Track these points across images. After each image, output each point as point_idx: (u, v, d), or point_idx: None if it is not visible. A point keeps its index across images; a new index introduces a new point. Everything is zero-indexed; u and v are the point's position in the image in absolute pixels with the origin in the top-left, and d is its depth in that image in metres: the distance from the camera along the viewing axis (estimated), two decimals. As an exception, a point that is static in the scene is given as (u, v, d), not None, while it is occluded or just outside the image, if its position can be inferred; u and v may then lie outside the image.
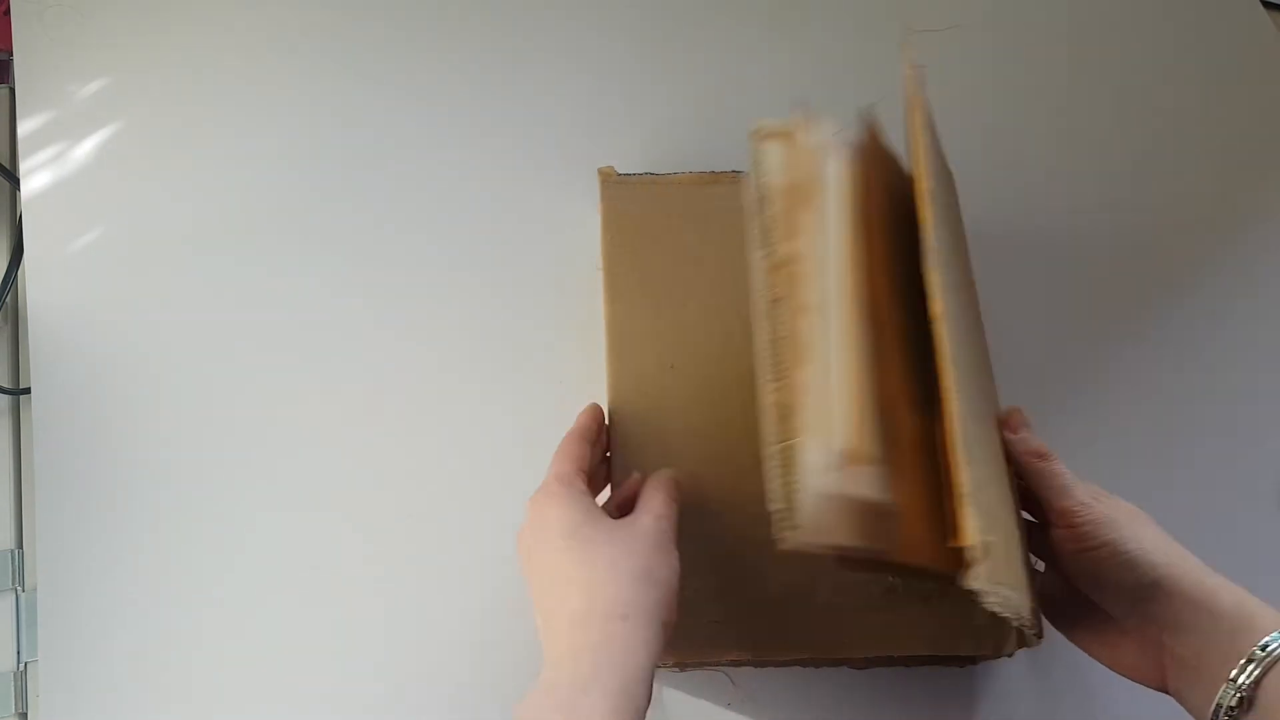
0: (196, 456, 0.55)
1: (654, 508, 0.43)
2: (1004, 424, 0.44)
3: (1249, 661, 0.36)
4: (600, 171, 0.57)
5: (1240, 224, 0.70)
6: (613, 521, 0.42)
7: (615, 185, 0.57)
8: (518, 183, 0.65)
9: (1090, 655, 0.43)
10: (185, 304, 0.59)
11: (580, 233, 0.60)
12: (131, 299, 0.59)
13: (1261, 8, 0.78)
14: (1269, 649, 0.36)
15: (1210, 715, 0.37)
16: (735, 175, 0.56)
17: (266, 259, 0.61)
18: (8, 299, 0.60)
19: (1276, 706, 0.36)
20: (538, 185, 0.65)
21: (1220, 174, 0.71)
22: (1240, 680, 0.36)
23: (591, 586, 0.39)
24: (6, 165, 0.63)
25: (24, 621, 0.53)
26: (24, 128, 0.63)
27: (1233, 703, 0.36)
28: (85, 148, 0.63)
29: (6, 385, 0.58)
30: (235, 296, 0.60)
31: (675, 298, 0.53)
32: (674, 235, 0.55)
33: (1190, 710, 0.39)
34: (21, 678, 0.52)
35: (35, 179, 0.62)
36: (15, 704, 0.51)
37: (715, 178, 0.56)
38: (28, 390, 0.56)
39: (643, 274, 0.54)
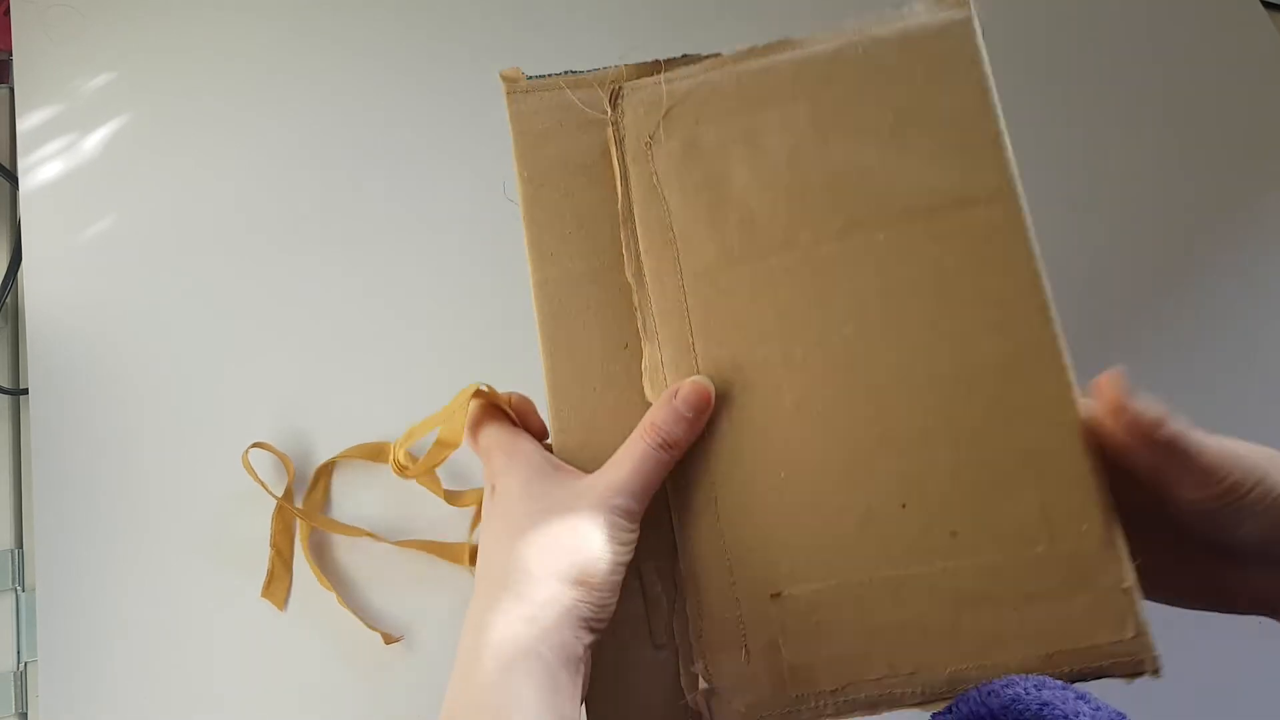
0: (195, 456, 0.55)
1: (615, 477, 0.35)
2: (1098, 397, 0.35)
3: None
4: (503, 77, 0.41)
5: (1240, 224, 0.70)
6: (558, 493, 0.35)
7: (524, 97, 0.41)
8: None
9: (1196, 609, 0.38)
10: (185, 304, 0.59)
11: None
12: (131, 299, 0.59)
13: (1261, 8, 0.78)
14: None
15: None
16: (687, 60, 0.41)
17: (267, 258, 0.61)
18: (7, 299, 0.60)
19: None
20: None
21: (1220, 174, 0.71)
22: None
23: (502, 580, 0.33)
24: (6, 165, 0.63)
25: (24, 621, 0.53)
26: (24, 128, 0.63)
27: None
28: (85, 148, 0.63)
29: (6, 385, 0.58)
30: (235, 296, 0.60)
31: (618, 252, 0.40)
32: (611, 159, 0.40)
33: None
34: (21, 678, 0.52)
35: (35, 179, 0.62)
36: (15, 704, 0.51)
37: (652, 68, 0.41)
38: (27, 390, 0.56)
39: (579, 220, 0.40)
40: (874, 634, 0.35)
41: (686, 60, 0.41)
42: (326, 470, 0.55)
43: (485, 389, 0.40)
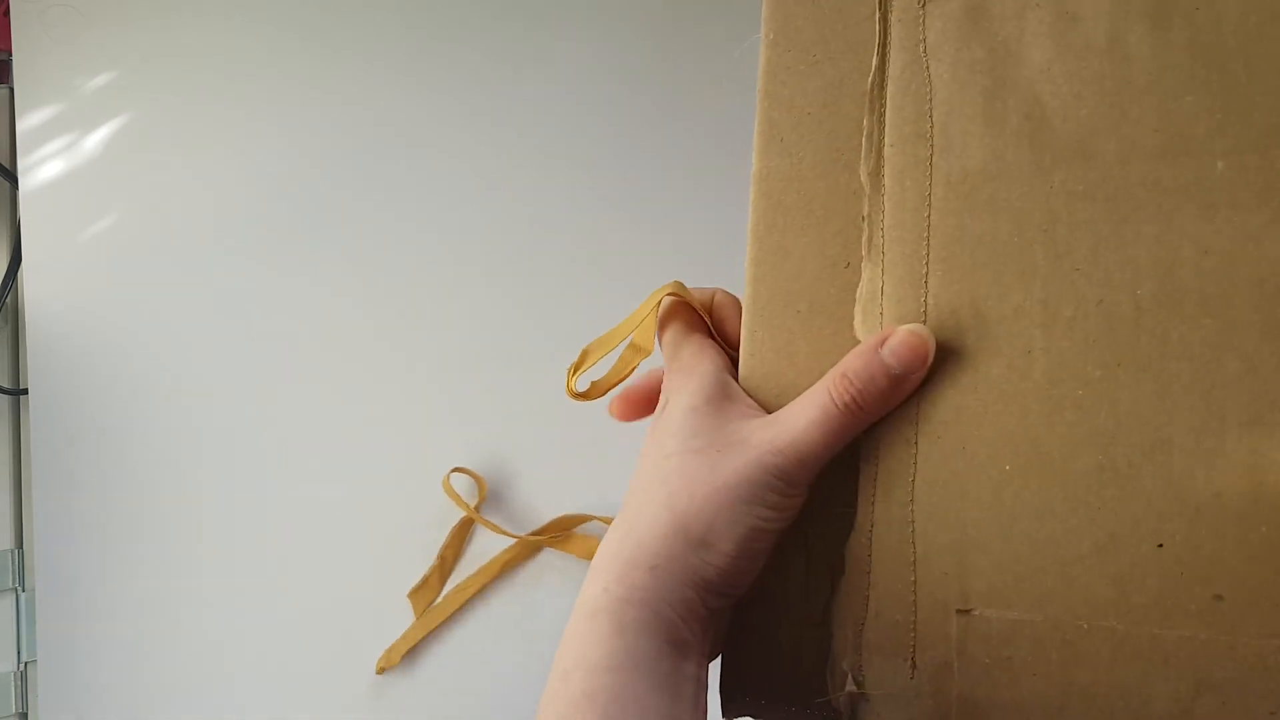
0: (195, 456, 0.55)
1: (783, 431, 0.29)
2: None
3: None
4: None
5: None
6: (721, 430, 0.30)
7: None
8: (525, 179, 0.65)
9: None
10: (184, 304, 0.59)
11: (579, 224, 0.60)
12: (131, 299, 0.59)
13: (1261, 8, 0.78)
14: None
15: None
16: None
17: (267, 258, 0.61)
18: (7, 299, 0.60)
19: None
20: (545, 184, 0.65)
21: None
22: None
23: (630, 524, 0.29)
24: (6, 165, 0.63)
25: (24, 621, 0.53)
26: (24, 128, 0.63)
27: None
28: (85, 148, 0.63)
29: (6, 385, 0.58)
30: (235, 296, 0.60)
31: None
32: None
33: None
34: (21, 678, 0.52)
35: (35, 179, 0.62)
36: (15, 704, 0.51)
37: None
38: (27, 390, 0.56)
39: (825, 100, 0.31)
40: (1077, 692, 0.27)
41: None
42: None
43: (678, 289, 0.34)
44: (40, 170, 0.62)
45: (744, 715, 0.32)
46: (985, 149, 0.29)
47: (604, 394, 0.34)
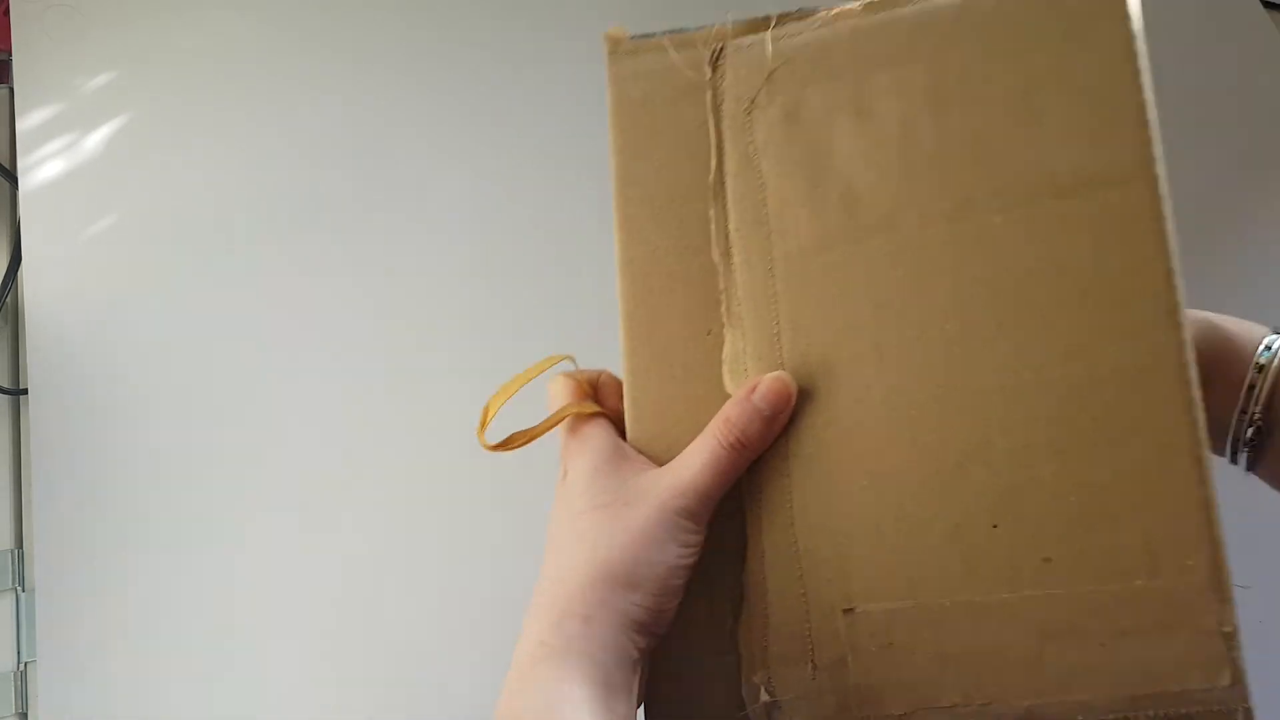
0: (195, 456, 0.55)
1: (681, 475, 0.33)
2: None
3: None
4: (606, 37, 0.38)
5: (1240, 223, 0.70)
6: (623, 485, 0.33)
7: (625, 60, 0.38)
8: (525, 179, 0.65)
9: None
10: (184, 304, 0.59)
11: (578, 224, 0.60)
12: (131, 298, 0.59)
13: (1261, 8, 0.78)
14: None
15: None
16: (801, 15, 0.37)
17: (267, 258, 0.61)
18: (7, 299, 0.60)
19: None
20: (545, 184, 0.65)
21: (1220, 173, 0.71)
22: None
23: (559, 577, 0.32)
24: (6, 165, 0.63)
25: (24, 621, 0.53)
26: (24, 128, 0.63)
27: None
28: (84, 148, 0.63)
29: (6, 385, 0.58)
30: (235, 296, 0.60)
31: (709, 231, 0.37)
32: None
33: None
34: (21, 678, 0.52)
35: (35, 179, 0.62)
36: (15, 704, 0.51)
37: (762, 24, 0.37)
38: (27, 390, 0.56)
39: (672, 195, 0.36)
40: (950, 660, 0.32)
41: (800, 15, 0.37)
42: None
43: (568, 361, 0.38)
44: (40, 170, 0.62)
45: None
46: (812, 228, 0.35)
47: (522, 445, 0.37)
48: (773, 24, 0.37)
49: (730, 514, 0.34)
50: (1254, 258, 0.68)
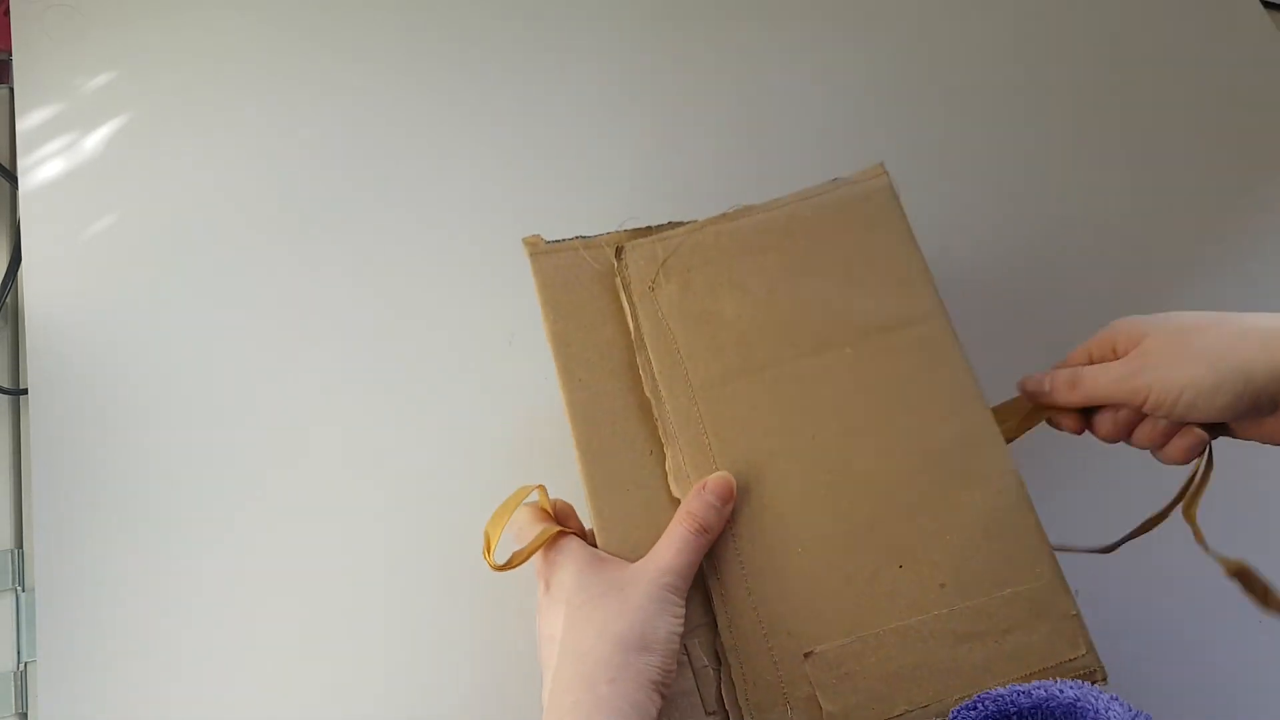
0: (195, 456, 0.55)
1: (662, 559, 0.41)
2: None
3: None
4: (525, 242, 0.50)
5: (1240, 223, 0.70)
6: (609, 578, 0.40)
7: (545, 257, 0.49)
8: (526, 178, 0.65)
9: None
10: (184, 304, 0.59)
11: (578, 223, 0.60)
12: (131, 299, 0.59)
13: (1261, 8, 0.78)
14: None
15: None
16: (673, 225, 0.50)
17: (266, 258, 0.61)
18: (7, 299, 0.60)
19: None
20: (546, 184, 0.65)
21: (1220, 173, 0.71)
22: None
23: (580, 654, 0.38)
24: (6, 165, 0.63)
25: (24, 621, 0.53)
26: (24, 128, 0.63)
27: None
28: (84, 148, 0.63)
29: (6, 385, 0.58)
30: (235, 296, 0.60)
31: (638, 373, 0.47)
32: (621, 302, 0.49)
33: None
34: (21, 678, 0.52)
35: (35, 179, 0.62)
36: (15, 704, 0.51)
37: (648, 231, 0.50)
38: (27, 390, 0.56)
39: (600, 351, 0.47)
40: (893, 677, 0.41)
41: (672, 225, 0.50)
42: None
43: (538, 490, 0.45)
44: (40, 170, 0.62)
45: None
46: (718, 367, 0.46)
47: (523, 563, 0.43)
48: (655, 232, 0.50)
49: (697, 595, 0.43)
50: (1254, 258, 0.68)
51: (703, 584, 0.43)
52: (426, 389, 0.58)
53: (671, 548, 0.41)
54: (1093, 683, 0.41)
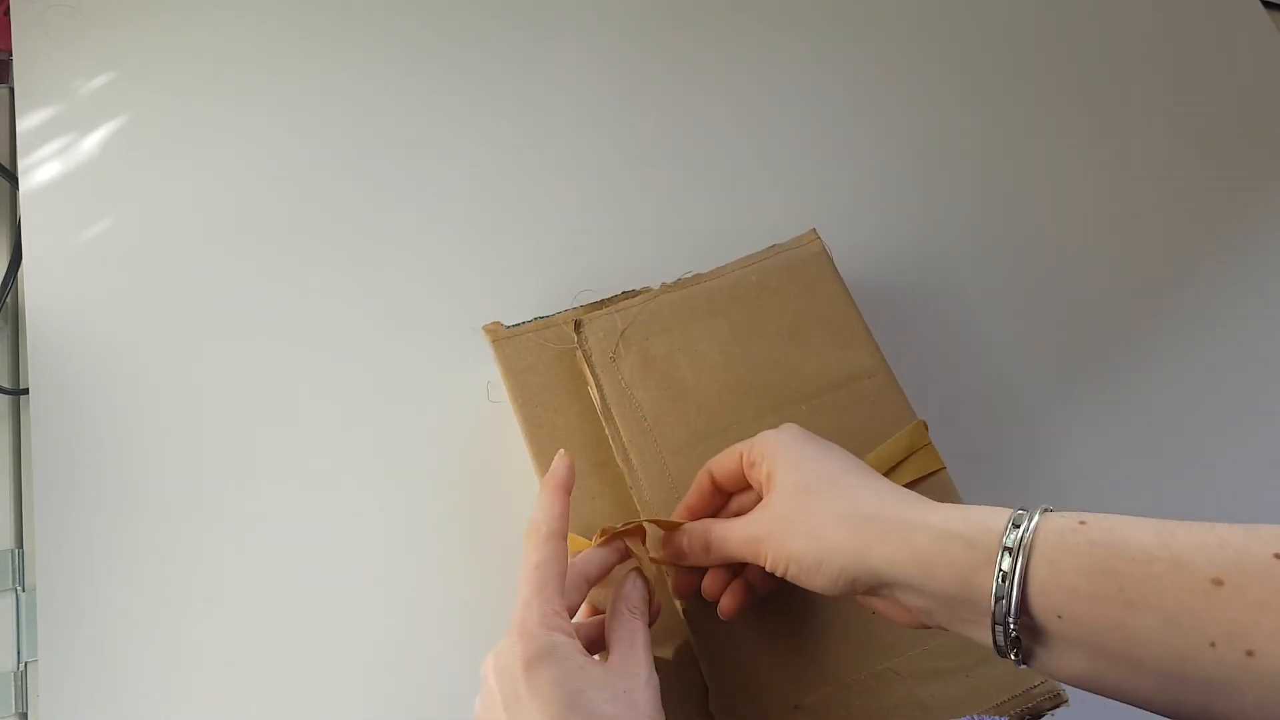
0: (196, 456, 0.55)
1: (640, 664, 0.39)
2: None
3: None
4: (485, 330, 0.52)
5: (1241, 225, 0.70)
6: (610, 689, 0.37)
7: (506, 342, 0.52)
8: (526, 178, 0.65)
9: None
10: (185, 304, 0.59)
11: (585, 227, 0.60)
12: (131, 299, 0.59)
13: (1261, 8, 0.78)
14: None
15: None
16: (626, 295, 0.53)
17: (266, 258, 0.61)
18: (7, 299, 0.60)
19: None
20: (547, 186, 0.65)
21: (1220, 174, 0.71)
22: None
23: None
24: (6, 165, 0.63)
25: (24, 621, 0.53)
26: (24, 128, 0.63)
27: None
28: (85, 148, 0.63)
29: (6, 385, 0.58)
30: (235, 296, 0.60)
31: (609, 448, 0.50)
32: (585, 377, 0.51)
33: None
34: (21, 678, 0.52)
35: (35, 179, 0.62)
36: (15, 704, 0.51)
37: (604, 304, 0.53)
38: (27, 390, 0.56)
39: (569, 429, 0.50)
40: (876, 718, 0.43)
41: (625, 296, 0.53)
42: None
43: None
44: (40, 170, 0.62)
45: None
46: (684, 430, 0.49)
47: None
48: (610, 304, 0.52)
49: (688, 666, 0.45)
50: (1254, 258, 0.68)
51: (688, 645, 0.45)
52: (426, 389, 0.58)
53: (639, 663, 0.39)
54: (1059, 706, 0.44)
